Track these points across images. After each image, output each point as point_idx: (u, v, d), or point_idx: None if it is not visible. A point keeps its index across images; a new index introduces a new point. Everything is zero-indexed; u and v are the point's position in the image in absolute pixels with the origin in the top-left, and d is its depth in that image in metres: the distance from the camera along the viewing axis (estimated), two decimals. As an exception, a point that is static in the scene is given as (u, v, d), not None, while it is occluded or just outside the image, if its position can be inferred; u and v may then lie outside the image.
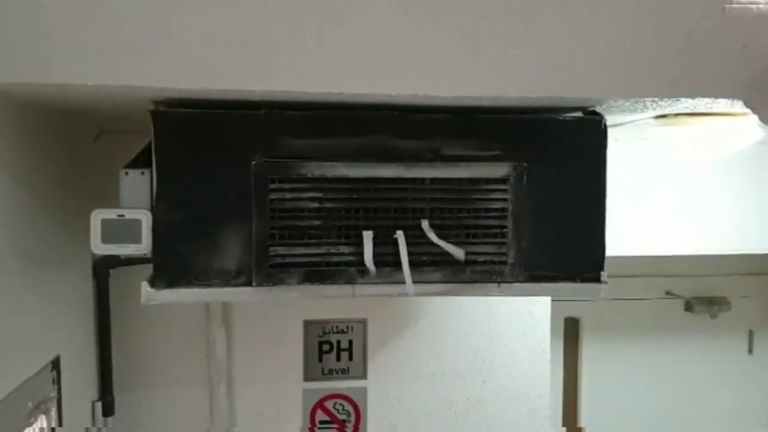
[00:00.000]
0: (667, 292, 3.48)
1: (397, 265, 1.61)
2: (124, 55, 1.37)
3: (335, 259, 1.61)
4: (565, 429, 3.42)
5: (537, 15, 1.33)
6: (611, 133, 2.29)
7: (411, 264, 1.60)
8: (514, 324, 2.62)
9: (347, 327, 2.51)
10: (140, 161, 1.65)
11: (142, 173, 1.63)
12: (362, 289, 1.62)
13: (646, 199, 2.76)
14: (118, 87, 1.42)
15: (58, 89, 1.47)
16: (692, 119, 1.90)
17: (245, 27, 1.35)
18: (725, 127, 1.87)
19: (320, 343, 2.50)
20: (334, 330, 2.50)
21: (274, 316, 2.46)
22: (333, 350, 2.50)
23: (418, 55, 1.39)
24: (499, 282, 1.67)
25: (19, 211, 1.69)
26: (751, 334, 3.58)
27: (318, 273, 1.61)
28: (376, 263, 1.60)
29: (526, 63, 1.38)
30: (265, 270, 1.58)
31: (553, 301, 2.77)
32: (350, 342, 2.51)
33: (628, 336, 3.48)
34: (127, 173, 1.63)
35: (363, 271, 1.61)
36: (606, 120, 1.67)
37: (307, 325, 2.49)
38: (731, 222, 2.81)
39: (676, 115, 1.91)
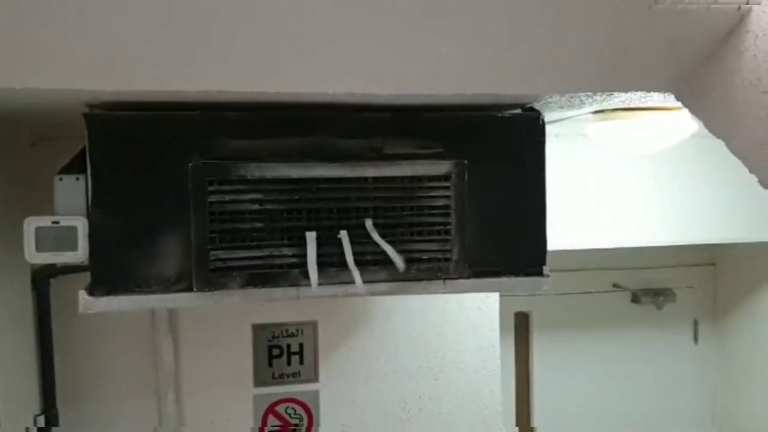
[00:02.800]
0: (614, 285, 3.55)
1: (342, 265, 1.60)
2: (55, 58, 1.33)
3: (278, 261, 1.59)
4: (517, 429, 3.45)
5: (470, 13, 1.33)
6: (552, 129, 2.32)
7: (355, 263, 1.59)
8: (464, 321, 2.63)
9: (297, 330, 2.49)
10: (75, 167, 1.61)
11: (77, 179, 1.58)
12: (307, 291, 1.60)
13: (590, 193, 2.81)
14: (49, 90, 1.38)
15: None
16: (629, 114, 1.94)
17: (177, 25, 1.32)
18: (661, 121, 1.91)
19: (270, 347, 2.47)
20: (284, 333, 2.48)
21: (222, 322, 2.42)
22: (283, 354, 2.48)
23: (354, 53, 1.38)
24: (444, 279, 1.67)
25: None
26: (696, 323, 3.67)
27: (261, 276, 1.59)
28: (321, 264, 1.58)
29: (461, 60, 1.38)
30: (205, 275, 1.56)
31: (502, 296, 2.79)
32: (301, 345, 2.49)
33: (577, 329, 3.54)
34: (61, 179, 1.59)
35: (307, 273, 1.59)
36: (544, 116, 1.69)
37: (256, 329, 2.46)
38: (674, 214, 2.88)
39: (614, 110, 1.94)
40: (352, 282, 1.61)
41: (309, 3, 1.26)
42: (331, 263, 1.59)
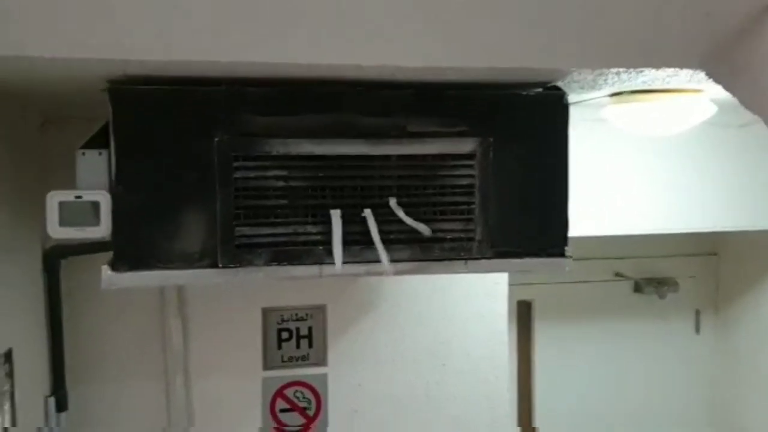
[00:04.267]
0: (617, 274, 3.56)
1: (366, 244, 1.59)
2: (83, 27, 1.31)
3: (302, 238, 1.58)
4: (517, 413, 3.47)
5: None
6: (573, 112, 2.32)
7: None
8: (472, 306, 2.63)
9: (306, 314, 2.48)
10: (97, 141, 1.59)
11: (100, 153, 1.57)
12: (330, 269, 1.59)
13: (591, 181, 2.80)
14: (77, 60, 1.36)
15: (8, 64, 1.40)
16: (644, 97, 1.94)
17: None
18: (678, 104, 1.91)
19: (279, 331, 2.46)
20: (293, 317, 2.47)
21: (232, 305, 2.41)
22: (292, 337, 2.47)
23: (384, 25, 1.37)
24: (466, 259, 1.67)
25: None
26: (698, 314, 3.68)
27: (285, 253, 1.58)
28: (344, 242, 1.57)
29: (490, 33, 1.37)
30: (231, 251, 1.55)
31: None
32: (309, 329, 2.49)
33: (579, 318, 3.54)
34: (84, 153, 1.58)
35: (330, 250, 1.58)
36: (568, 95, 1.68)
37: (266, 312, 2.45)
38: (677, 202, 2.88)
39: (630, 92, 1.94)
40: (375, 261, 1.60)
41: None
42: (354, 241, 1.59)
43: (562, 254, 1.73)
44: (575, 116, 2.36)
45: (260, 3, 1.29)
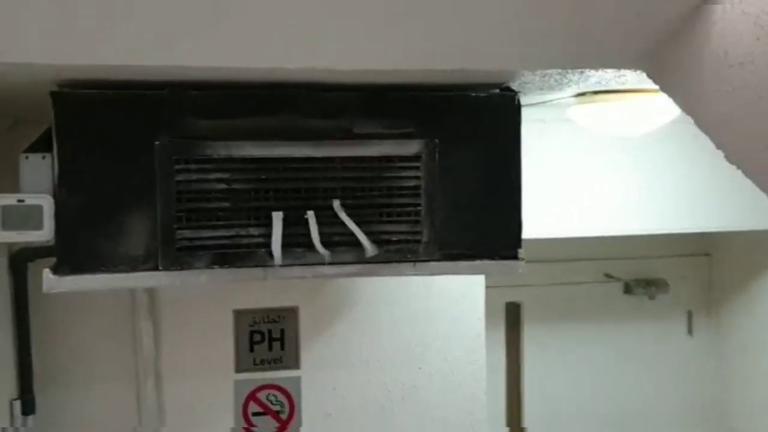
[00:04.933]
0: (606, 275, 3.51)
1: (310, 246, 1.58)
2: (24, 32, 1.31)
3: (245, 241, 1.57)
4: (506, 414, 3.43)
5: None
6: (537, 114, 2.30)
7: (324, 244, 1.57)
8: (448, 309, 2.60)
9: (278, 316, 2.47)
10: (42, 145, 1.60)
11: (43, 157, 1.58)
12: (274, 272, 1.58)
13: (578, 180, 2.77)
14: (15, 65, 1.36)
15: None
16: (610, 96, 1.91)
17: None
18: (644, 103, 1.88)
19: (251, 333, 2.45)
20: (265, 319, 2.46)
21: (203, 307, 2.41)
22: (264, 340, 2.46)
23: (320, 26, 1.35)
24: (414, 261, 1.65)
25: None
26: (690, 315, 3.62)
27: (228, 256, 1.57)
28: (288, 244, 1.56)
29: (426, 35, 1.36)
30: (171, 254, 1.54)
31: (492, 286, 2.77)
32: (282, 331, 2.47)
33: (569, 319, 3.50)
34: (27, 157, 1.58)
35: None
36: (519, 97, 1.66)
37: (237, 314, 2.44)
38: (667, 201, 2.84)
39: (595, 92, 1.91)
40: (320, 263, 1.59)
41: None
42: (298, 243, 1.57)
43: (515, 257, 1.70)
44: (553, 114, 2.35)
45: (195, 7, 1.29)
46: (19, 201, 1.54)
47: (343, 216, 1.56)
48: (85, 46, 1.32)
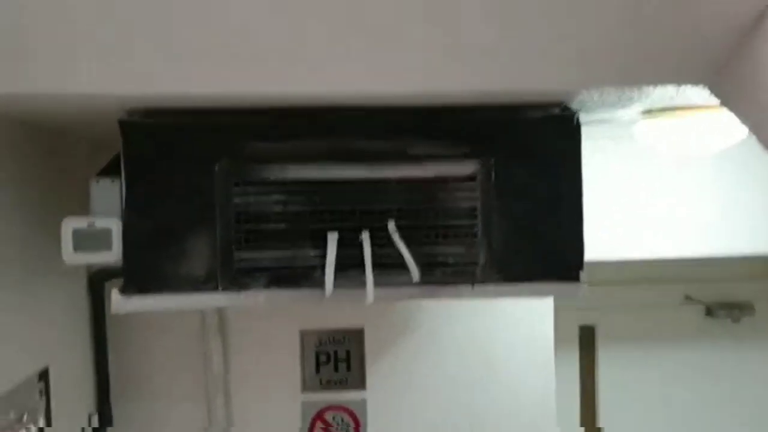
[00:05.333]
0: (687, 298, 3.38)
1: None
2: (87, 64, 1.38)
3: (302, 263, 1.59)
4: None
5: (487, 5, 1.30)
6: (605, 131, 2.25)
7: (379, 266, 1.58)
8: (515, 331, 2.56)
9: (344, 337, 2.49)
10: (112, 170, 1.67)
11: (113, 181, 1.64)
12: (331, 294, 1.59)
13: (655, 199, 2.69)
14: (81, 96, 1.44)
15: (25, 100, 1.50)
16: (678, 113, 1.84)
17: (212, 30, 1.35)
18: (714, 119, 1.80)
19: (317, 354, 2.48)
20: (331, 340, 2.48)
21: (271, 327, 2.45)
22: (330, 361, 2.48)
23: (374, 52, 1.37)
24: (472, 283, 1.63)
25: (9, 224, 1.72)
26: (777, 340, 3.44)
27: (285, 277, 1.59)
28: (343, 266, 1.57)
29: (480, 55, 1.36)
30: (230, 275, 1.57)
31: (564, 308, 2.71)
32: (348, 352, 2.49)
33: (647, 343, 3.38)
34: (98, 181, 1.65)
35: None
36: (578, 115, 1.62)
37: (304, 335, 2.47)
38: (749, 221, 2.71)
39: (662, 109, 1.85)
40: (378, 285, 1.59)
41: (309, 3, 1.25)
42: (354, 265, 1.58)
43: (576, 279, 1.66)
44: (624, 131, 2.30)
45: (259, 37, 1.33)
46: (90, 224, 1.61)
47: (395, 238, 1.56)
48: (146, 77, 1.38)
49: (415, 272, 1.57)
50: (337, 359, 2.48)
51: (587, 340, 3.40)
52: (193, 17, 1.28)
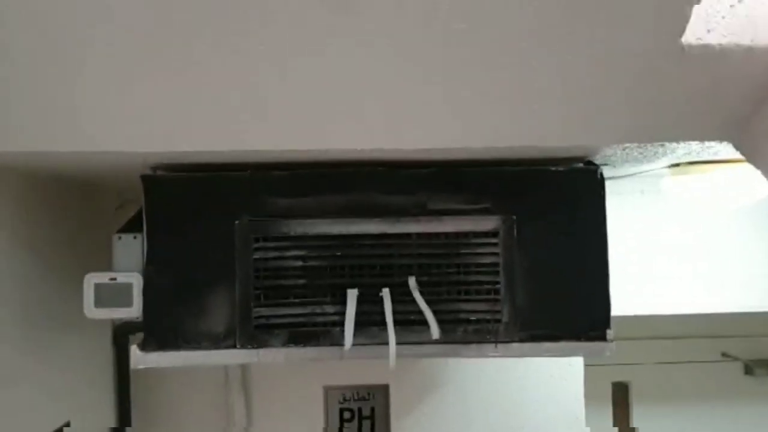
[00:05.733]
0: (724, 354, 3.27)
1: (385, 324, 1.56)
2: (112, 123, 1.41)
3: (321, 319, 1.57)
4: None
5: (515, 64, 1.30)
6: (634, 185, 2.22)
7: (400, 323, 1.55)
8: (545, 390, 2.49)
9: (368, 393, 2.44)
10: (134, 225, 1.68)
11: (135, 237, 1.65)
12: (350, 351, 1.57)
13: (687, 252, 2.62)
14: (105, 153, 1.47)
15: (50, 157, 1.53)
16: (705, 167, 1.81)
17: (232, 89, 1.36)
18: (739, 173, 1.77)
19: (341, 410, 2.43)
20: (355, 397, 2.44)
21: (294, 381, 2.42)
22: (355, 418, 2.43)
23: (401, 108, 1.38)
24: (495, 342, 1.59)
25: (32, 280, 1.75)
26: (822, 399, 3.30)
27: (304, 334, 1.57)
28: (363, 323, 1.55)
29: (503, 114, 1.35)
30: (249, 331, 1.56)
31: (596, 365, 2.64)
32: (372, 409, 2.44)
33: (683, 401, 3.26)
34: (120, 237, 1.66)
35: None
36: (602, 170, 1.60)
37: (327, 390, 2.43)
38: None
39: (689, 163, 1.82)
40: (398, 343, 1.56)
41: (353, 60, 1.27)
42: (374, 322, 1.56)
43: (603, 338, 1.61)
44: (644, 187, 2.27)
45: (279, 97, 1.34)
46: (111, 279, 1.62)
47: (416, 295, 1.54)
48: (169, 135, 1.40)
49: (435, 330, 1.54)
50: (362, 416, 2.43)
51: (621, 397, 3.30)
52: (215, 78, 1.30)
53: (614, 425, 3.28)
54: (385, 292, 1.55)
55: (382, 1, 1.16)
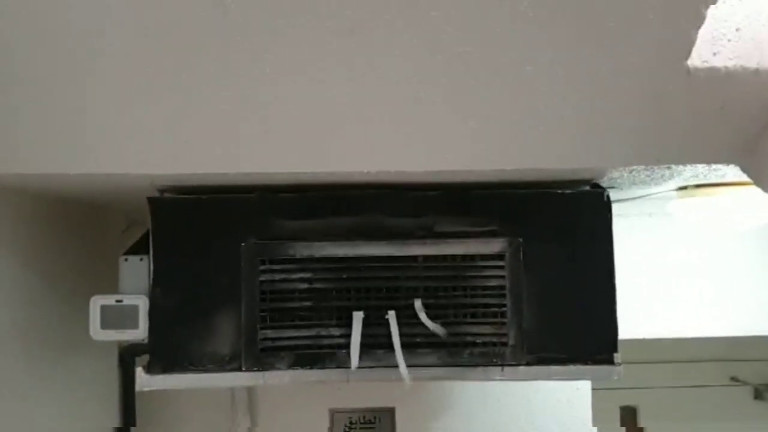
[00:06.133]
0: (733, 378, 3.24)
1: (392, 347, 1.55)
2: (119, 145, 1.42)
3: (327, 341, 1.57)
4: None
5: (521, 87, 1.30)
6: (642, 207, 2.21)
7: (405, 346, 1.55)
8: (552, 414, 2.46)
9: (375, 417, 2.42)
10: (140, 247, 1.68)
11: (141, 259, 1.65)
12: (356, 374, 1.56)
13: (695, 275, 2.60)
14: (111, 175, 1.47)
15: (57, 179, 1.54)
16: (714, 190, 1.81)
17: (238, 112, 1.37)
18: (748, 196, 1.76)
19: (347, 433, 2.42)
20: (362, 420, 2.42)
21: (300, 404, 2.40)
22: (360, 441, 2.42)
23: (407, 130, 1.39)
24: (501, 365, 1.58)
25: (39, 301, 1.75)
26: (833, 424, 3.26)
27: (309, 356, 1.57)
28: (369, 345, 1.55)
29: (509, 136, 1.36)
30: (254, 354, 1.56)
31: (605, 389, 2.62)
32: (378, 432, 2.42)
33: (691, 426, 3.23)
34: (126, 259, 1.66)
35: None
36: (608, 192, 1.60)
37: (333, 414, 2.42)
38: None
39: (696, 186, 1.82)
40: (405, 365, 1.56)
41: (359, 84, 1.27)
42: (379, 345, 1.55)
43: (610, 361, 1.60)
44: (652, 209, 2.26)
45: (286, 119, 1.35)
46: (118, 301, 1.62)
47: (422, 316, 1.54)
48: (176, 157, 1.41)
49: (442, 333, 1.53)
50: (368, 439, 2.42)
51: (629, 421, 3.27)
52: (221, 100, 1.31)
53: (622, 450, 3.26)
54: (391, 315, 1.54)
55: (388, 24, 1.17)
